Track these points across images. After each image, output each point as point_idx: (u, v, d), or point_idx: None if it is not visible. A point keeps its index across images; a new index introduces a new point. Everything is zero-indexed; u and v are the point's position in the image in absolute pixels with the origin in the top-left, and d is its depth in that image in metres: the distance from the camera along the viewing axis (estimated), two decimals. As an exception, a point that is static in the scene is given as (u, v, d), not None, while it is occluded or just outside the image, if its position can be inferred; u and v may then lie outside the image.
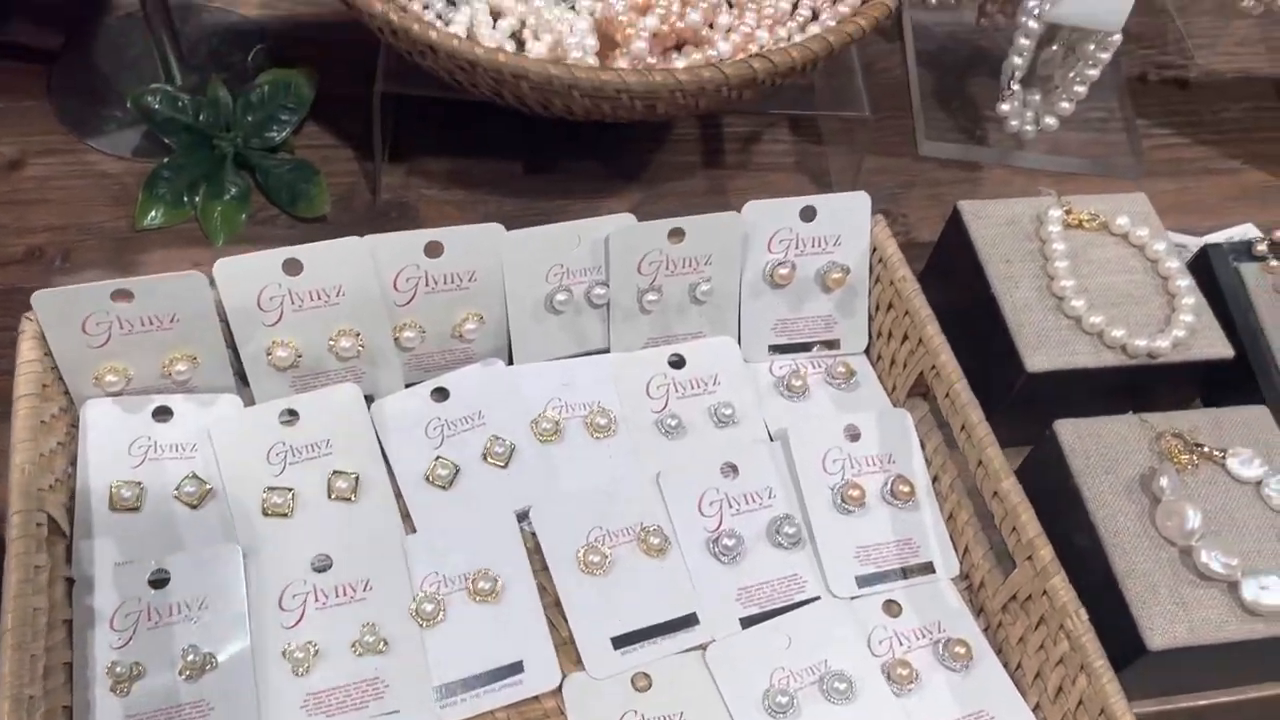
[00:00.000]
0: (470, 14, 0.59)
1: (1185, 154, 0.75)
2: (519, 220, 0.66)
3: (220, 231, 0.62)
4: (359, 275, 0.52)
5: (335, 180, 0.66)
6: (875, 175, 0.71)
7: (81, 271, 0.60)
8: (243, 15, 0.73)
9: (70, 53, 0.69)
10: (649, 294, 0.56)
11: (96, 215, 0.62)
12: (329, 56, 0.70)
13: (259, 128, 0.64)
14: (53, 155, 0.64)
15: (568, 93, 0.52)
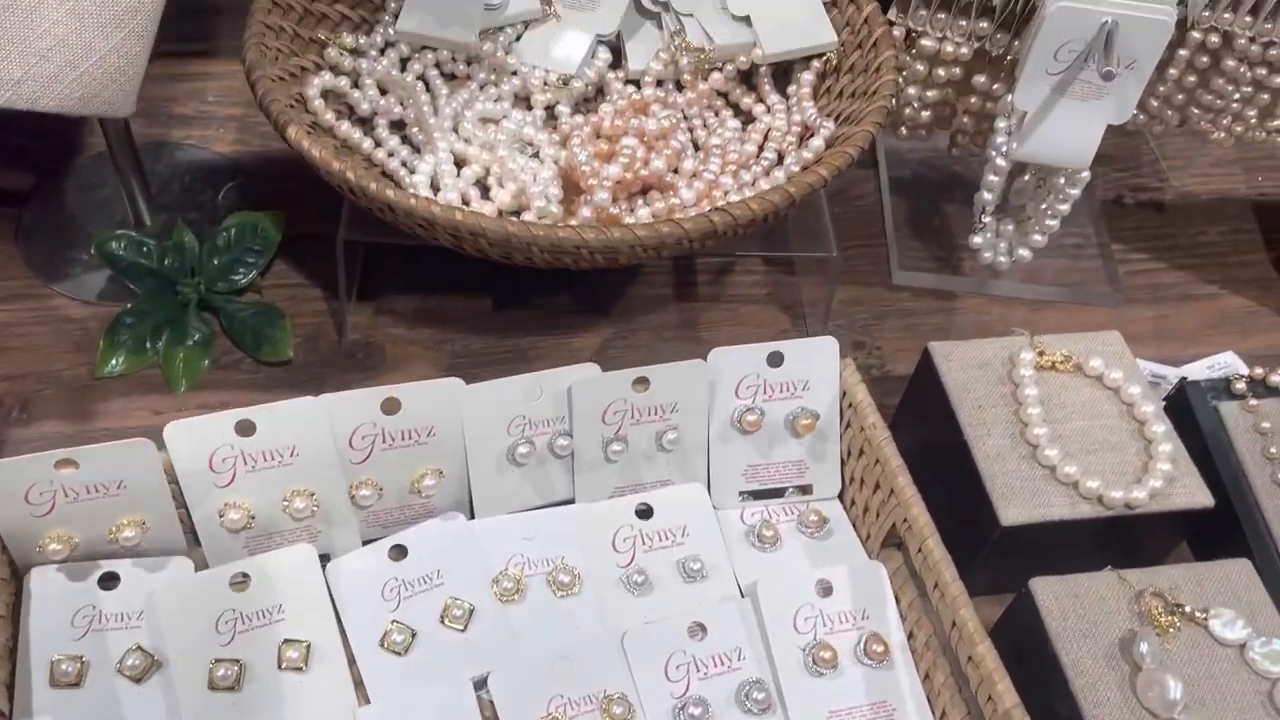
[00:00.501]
0: (434, 162, 0.59)
1: (1163, 279, 0.75)
2: (487, 358, 0.65)
3: (182, 379, 0.61)
4: (314, 435, 0.51)
5: (301, 320, 0.65)
6: (849, 306, 0.71)
7: (39, 422, 0.59)
8: (215, 152, 0.73)
9: (40, 195, 0.69)
10: (614, 444, 0.55)
11: (57, 363, 0.61)
12: (300, 193, 0.69)
13: (225, 271, 0.64)
14: (16, 301, 0.64)
15: (527, 248, 0.52)
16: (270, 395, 0.61)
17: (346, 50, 0.63)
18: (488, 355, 0.65)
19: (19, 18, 0.45)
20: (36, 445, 0.58)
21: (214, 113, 0.76)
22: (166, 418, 0.60)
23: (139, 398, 0.61)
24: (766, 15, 0.65)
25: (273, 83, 0.55)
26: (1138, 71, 0.58)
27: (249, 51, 0.56)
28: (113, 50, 0.47)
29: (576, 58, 0.64)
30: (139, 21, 0.47)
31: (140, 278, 0.63)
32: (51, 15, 0.45)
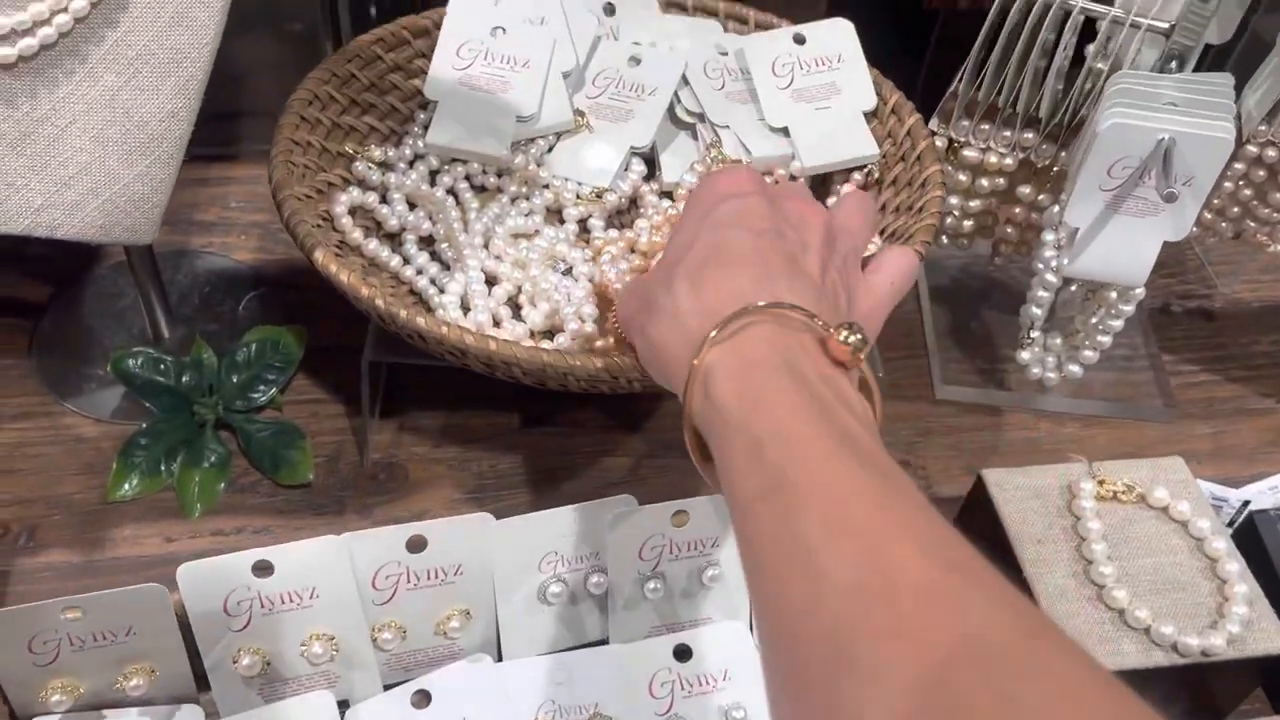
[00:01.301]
0: (465, 281, 0.57)
1: (1217, 393, 0.72)
2: (514, 480, 0.62)
3: (196, 503, 0.58)
4: (335, 575, 0.48)
5: (322, 439, 0.63)
6: (891, 422, 0.68)
7: (47, 550, 0.56)
8: (237, 261, 0.71)
9: (57, 305, 0.67)
10: (651, 581, 0.52)
11: (67, 486, 0.59)
12: (322, 303, 0.67)
13: (244, 389, 0.62)
14: (28, 419, 0.62)
15: (563, 377, 0.49)
16: (288, 520, 0.59)
17: (375, 164, 0.61)
18: (514, 476, 0.63)
19: (42, 145, 0.43)
20: (43, 576, 0.55)
21: (236, 219, 0.74)
22: (180, 545, 0.58)
23: (151, 523, 0.58)
24: (805, 127, 0.63)
25: (299, 201, 0.53)
26: (1196, 189, 0.56)
27: (276, 170, 0.54)
28: (137, 178, 0.45)
29: (610, 170, 0.63)
30: (164, 149, 0.45)
31: (156, 396, 0.60)
32: (75, 143, 0.43)
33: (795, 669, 0.31)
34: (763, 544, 0.33)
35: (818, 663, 0.29)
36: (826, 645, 0.29)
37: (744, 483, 0.34)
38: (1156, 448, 0.67)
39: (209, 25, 0.44)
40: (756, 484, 0.34)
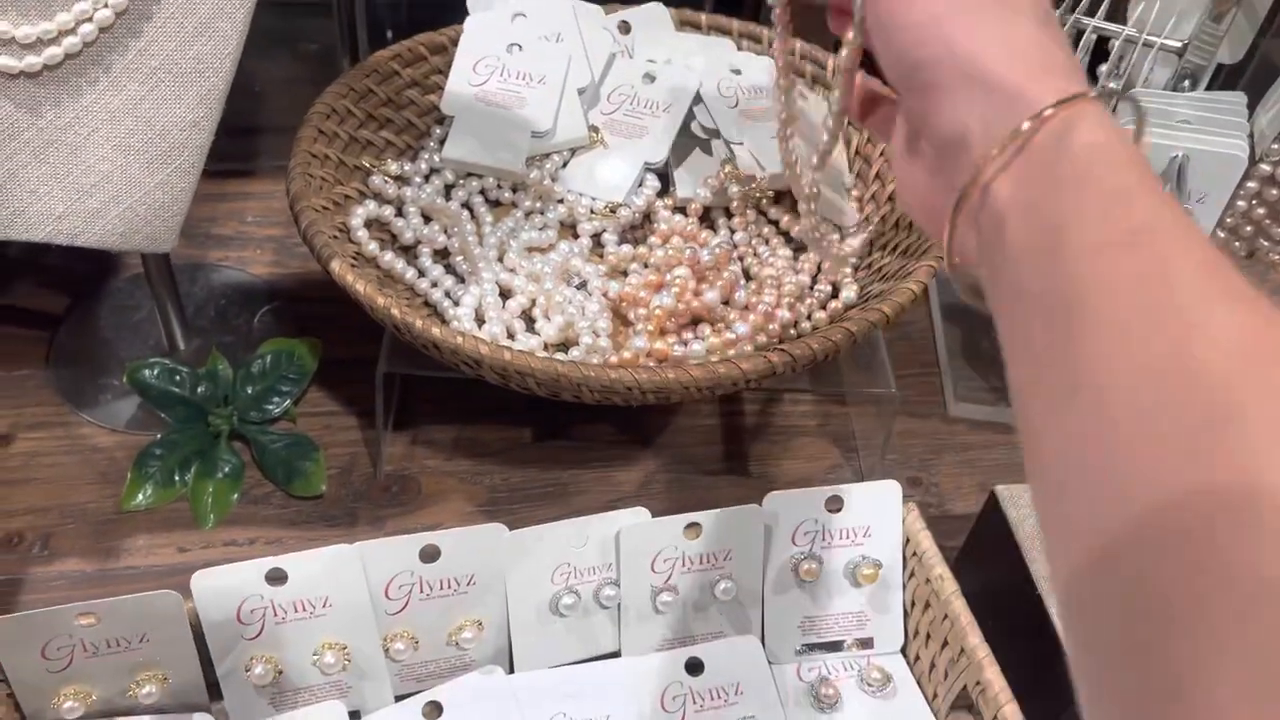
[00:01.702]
0: (479, 294, 0.57)
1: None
2: (527, 493, 0.62)
3: (210, 514, 0.58)
4: (348, 585, 0.48)
5: (335, 450, 0.63)
6: (904, 439, 0.68)
7: (61, 559, 0.56)
8: (252, 274, 0.72)
9: (74, 317, 0.67)
10: (663, 594, 0.52)
11: (82, 495, 0.59)
12: (337, 316, 0.68)
13: (258, 400, 0.62)
14: (44, 429, 0.62)
15: (576, 388, 0.49)
16: (301, 531, 0.59)
17: (391, 177, 0.62)
18: (527, 489, 0.63)
19: (65, 153, 0.44)
20: (57, 584, 0.55)
21: (252, 233, 0.75)
22: (193, 555, 0.58)
23: (164, 533, 0.58)
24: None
25: (316, 213, 0.54)
26: (1209, 205, 0.56)
27: (294, 182, 0.54)
28: (158, 186, 0.45)
29: (624, 185, 0.63)
30: (185, 158, 0.46)
31: (171, 406, 0.61)
32: (97, 151, 0.44)
33: (1154, 417, 0.26)
34: (1115, 293, 0.28)
35: (1194, 407, 0.25)
36: (1201, 394, 0.25)
37: (1095, 228, 0.29)
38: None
39: (231, 36, 0.44)
40: (1117, 230, 0.29)
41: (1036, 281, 0.29)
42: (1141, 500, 0.25)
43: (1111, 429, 0.27)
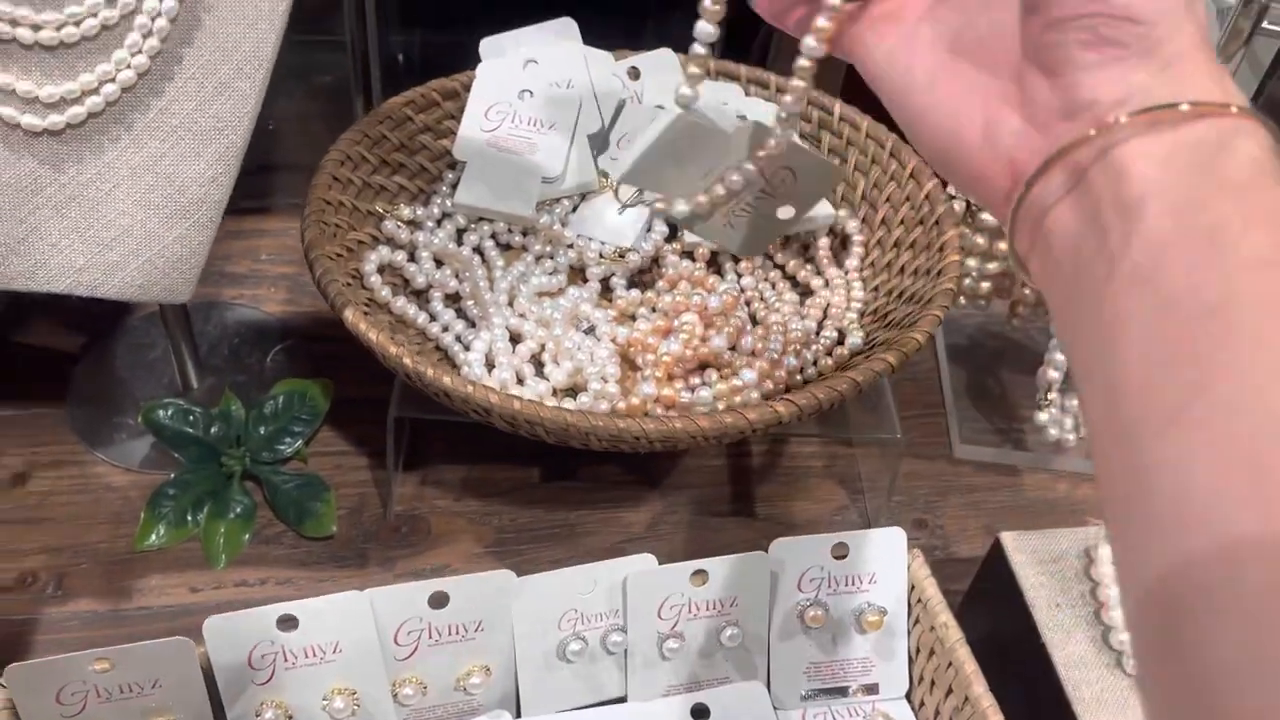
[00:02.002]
0: (489, 339, 0.58)
1: None
2: (534, 534, 0.63)
3: (222, 554, 0.59)
4: (358, 630, 0.49)
5: (346, 490, 0.63)
6: (909, 481, 0.68)
7: (75, 599, 0.57)
8: (265, 312, 0.73)
9: (90, 356, 0.68)
10: (670, 640, 0.52)
11: (95, 534, 0.60)
12: (349, 355, 0.68)
13: (270, 440, 0.63)
14: (59, 468, 0.63)
15: (585, 437, 0.50)
16: (312, 572, 0.60)
17: (403, 222, 0.63)
18: (534, 530, 0.63)
19: (86, 208, 0.45)
20: (70, 625, 0.56)
21: (266, 271, 0.76)
22: (204, 595, 0.58)
23: (177, 573, 0.59)
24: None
25: (331, 260, 0.55)
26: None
27: (309, 230, 0.55)
28: (176, 240, 0.46)
29: (633, 230, 0.64)
30: (204, 213, 0.47)
31: (185, 446, 0.61)
32: (118, 206, 0.45)
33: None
34: (1275, 315, 0.26)
35: None
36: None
37: (1263, 244, 0.27)
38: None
39: (250, 95, 0.45)
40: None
41: (1181, 279, 0.27)
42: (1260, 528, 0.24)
43: (1235, 450, 0.25)
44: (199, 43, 0.44)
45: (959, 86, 0.33)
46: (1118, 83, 0.29)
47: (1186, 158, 0.28)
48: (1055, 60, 0.30)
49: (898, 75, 0.35)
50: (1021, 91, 0.31)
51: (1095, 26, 0.29)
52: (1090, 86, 0.29)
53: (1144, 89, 0.28)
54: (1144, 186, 0.28)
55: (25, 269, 0.45)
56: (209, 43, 0.44)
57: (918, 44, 0.34)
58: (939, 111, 0.34)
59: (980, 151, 0.32)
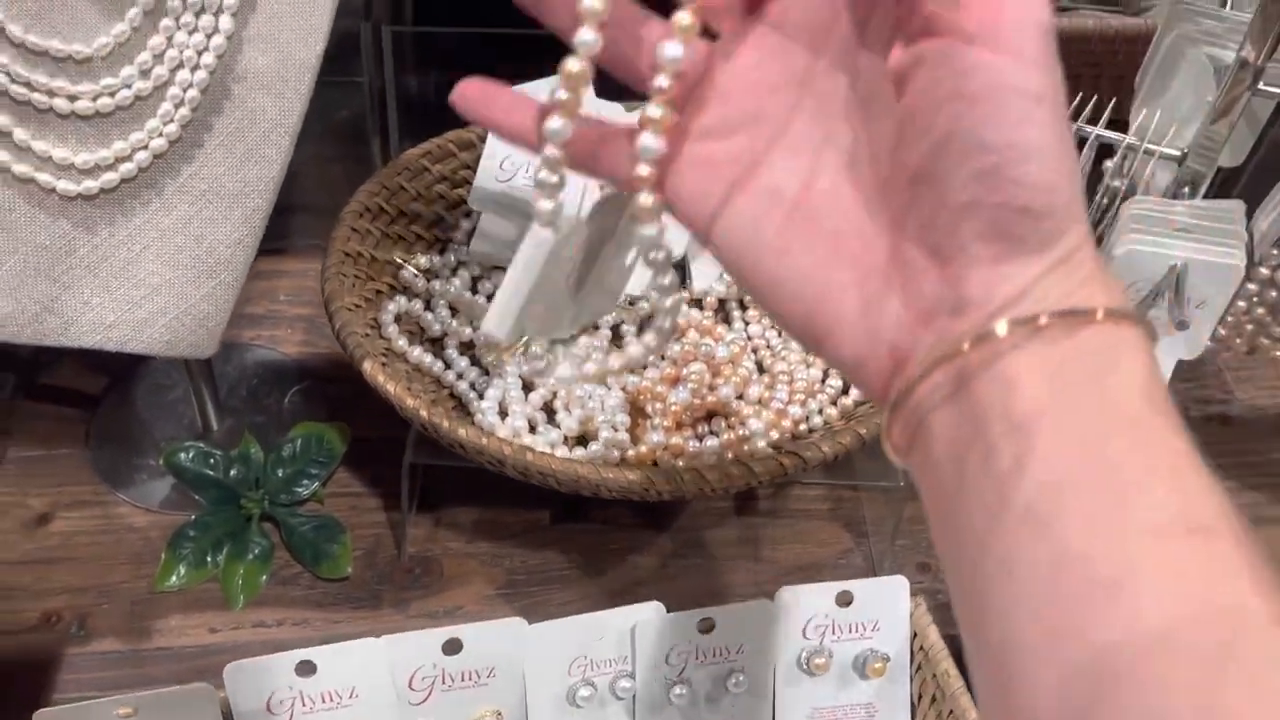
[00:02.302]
0: (503, 387, 0.59)
1: (1236, 499, 0.72)
2: (545, 576, 0.64)
3: (240, 594, 0.60)
4: (374, 676, 0.50)
5: (361, 532, 0.65)
6: (912, 524, 0.69)
7: (97, 639, 0.59)
8: (283, 353, 0.74)
9: (112, 397, 0.70)
10: (677, 686, 0.54)
11: (117, 575, 0.61)
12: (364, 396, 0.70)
13: (288, 483, 0.64)
14: (81, 508, 0.64)
15: (595, 488, 0.52)
16: (327, 613, 0.61)
17: (420, 270, 0.64)
18: (545, 572, 0.64)
19: (117, 268, 0.47)
20: (92, 665, 0.58)
21: (284, 312, 0.77)
22: (223, 636, 0.60)
23: (196, 614, 0.60)
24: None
25: (350, 312, 0.56)
26: (1209, 310, 0.58)
27: (329, 282, 0.57)
28: (203, 298, 0.48)
29: (642, 278, 0.65)
30: (230, 272, 0.48)
31: (205, 489, 0.63)
32: (147, 266, 0.47)
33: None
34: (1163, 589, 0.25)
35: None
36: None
37: (1156, 513, 0.26)
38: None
39: (276, 161, 0.47)
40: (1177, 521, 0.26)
41: (1078, 540, 0.25)
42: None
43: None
44: (228, 111, 0.46)
45: (822, 253, 0.30)
46: (1010, 280, 0.27)
47: (1076, 374, 0.26)
48: (946, 247, 0.28)
49: (742, 234, 0.31)
50: (900, 270, 0.29)
51: (994, 219, 0.27)
52: (982, 282, 0.27)
53: (1036, 290, 0.27)
54: (1034, 405, 0.26)
55: (58, 326, 0.47)
56: (237, 111, 0.46)
57: (763, 196, 0.31)
58: (801, 283, 0.30)
59: (857, 336, 0.30)
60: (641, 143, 0.30)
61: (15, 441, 0.67)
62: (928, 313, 0.28)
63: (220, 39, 0.44)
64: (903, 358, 0.29)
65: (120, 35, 0.43)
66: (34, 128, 0.44)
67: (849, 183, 0.30)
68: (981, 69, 0.26)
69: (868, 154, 0.30)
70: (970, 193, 0.27)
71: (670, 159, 0.31)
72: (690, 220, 0.32)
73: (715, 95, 0.31)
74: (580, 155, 0.32)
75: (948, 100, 0.27)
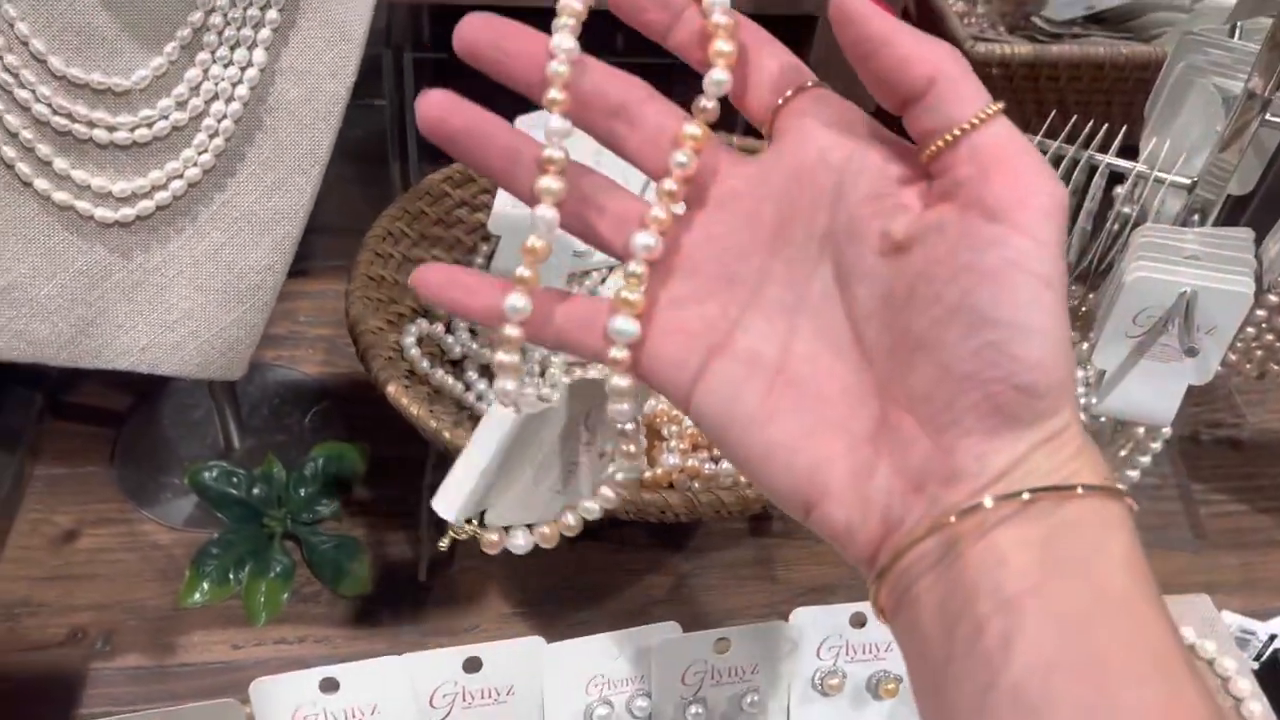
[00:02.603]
0: (521, 409, 0.60)
1: (1245, 523, 0.73)
2: (560, 595, 0.65)
3: (262, 611, 0.61)
4: (395, 693, 0.51)
5: (380, 550, 0.66)
6: (925, 546, 0.70)
7: (122, 655, 0.60)
8: (304, 373, 0.76)
9: (137, 416, 0.71)
10: (693, 705, 0.54)
11: (142, 591, 0.62)
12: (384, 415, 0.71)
13: (309, 502, 0.65)
14: (107, 525, 0.65)
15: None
16: (347, 630, 0.62)
17: (440, 293, 0.66)
18: (561, 592, 0.65)
19: (151, 293, 0.48)
20: (117, 680, 0.59)
21: (305, 333, 0.79)
22: (245, 653, 0.61)
23: (219, 630, 0.61)
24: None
25: (373, 335, 0.57)
26: (1218, 337, 0.59)
27: (353, 306, 0.58)
28: (233, 323, 0.49)
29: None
30: (260, 297, 0.50)
31: (228, 507, 0.64)
32: (180, 291, 0.48)
33: None
34: None
35: None
36: None
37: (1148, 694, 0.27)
38: (1185, 577, 0.68)
39: (305, 190, 0.48)
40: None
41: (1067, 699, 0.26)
42: None
43: None
44: (259, 142, 0.47)
45: (810, 420, 0.30)
46: (1002, 453, 0.27)
47: (1063, 551, 0.27)
48: (940, 418, 0.28)
49: (722, 402, 0.30)
50: (889, 437, 0.29)
51: (992, 393, 0.27)
52: (975, 455, 0.27)
53: (1026, 464, 0.27)
54: (1022, 584, 0.27)
55: (93, 348, 0.48)
56: (269, 142, 0.47)
57: (741, 362, 0.30)
58: (790, 452, 0.30)
59: (848, 504, 0.29)
60: (616, 326, 0.30)
61: (43, 460, 0.68)
62: (918, 481, 0.28)
63: (254, 71, 0.45)
64: (892, 524, 0.29)
65: (158, 69, 0.45)
66: (74, 157, 0.45)
67: (828, 348, 0.30)
68: (999, 246, 0.27)
69: (844, 319, 0.30)
70: (971, 365, 0.27)
71: (643, 332, 0.31)
72: (667, 390, 0.31)
73: (685, 265, 0.31)
74: (552, 332, 0.32)
75: (961, 272, 0.27)
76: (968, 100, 0.27)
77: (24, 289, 0.46)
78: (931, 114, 0.28)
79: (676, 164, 0.31)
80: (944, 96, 0.27)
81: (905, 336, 0.28)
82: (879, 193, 0.29)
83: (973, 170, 0.27)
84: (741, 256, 0.31)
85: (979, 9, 0.94)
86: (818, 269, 0.30)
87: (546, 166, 0.31)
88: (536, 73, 0.30)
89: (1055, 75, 0.81)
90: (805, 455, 0.29)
